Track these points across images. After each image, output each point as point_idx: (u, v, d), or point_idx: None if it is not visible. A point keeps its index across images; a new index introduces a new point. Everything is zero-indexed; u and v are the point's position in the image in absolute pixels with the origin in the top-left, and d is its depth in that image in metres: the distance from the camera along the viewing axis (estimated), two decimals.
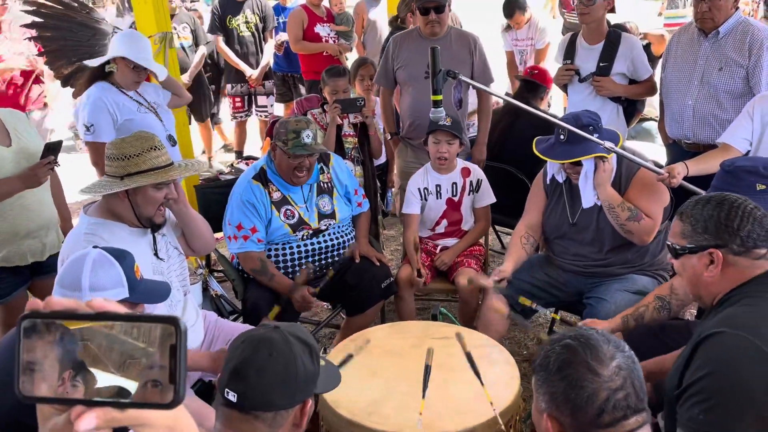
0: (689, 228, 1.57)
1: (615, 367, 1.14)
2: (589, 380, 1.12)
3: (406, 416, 1.87)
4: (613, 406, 1.11)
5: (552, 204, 2.71)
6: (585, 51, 3.43)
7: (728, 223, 1.52)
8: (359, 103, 3.32)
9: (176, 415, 0.66)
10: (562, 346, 1.18)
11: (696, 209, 1.58)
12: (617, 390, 1.12)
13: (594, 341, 1.17)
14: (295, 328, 1.40)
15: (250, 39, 5.44)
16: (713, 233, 1.53)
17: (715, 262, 1.53)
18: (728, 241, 1.52)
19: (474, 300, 2.96)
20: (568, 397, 1.13)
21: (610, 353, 1.15)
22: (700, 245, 1.55)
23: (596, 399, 1.11)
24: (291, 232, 2.80)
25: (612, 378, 1.13)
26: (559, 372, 1.16)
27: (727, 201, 1.55)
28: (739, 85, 2.92)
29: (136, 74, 2.99)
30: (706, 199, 1.59)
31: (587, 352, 1.15)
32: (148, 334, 0.61)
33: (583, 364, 1.14)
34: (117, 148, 2.12)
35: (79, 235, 2.09)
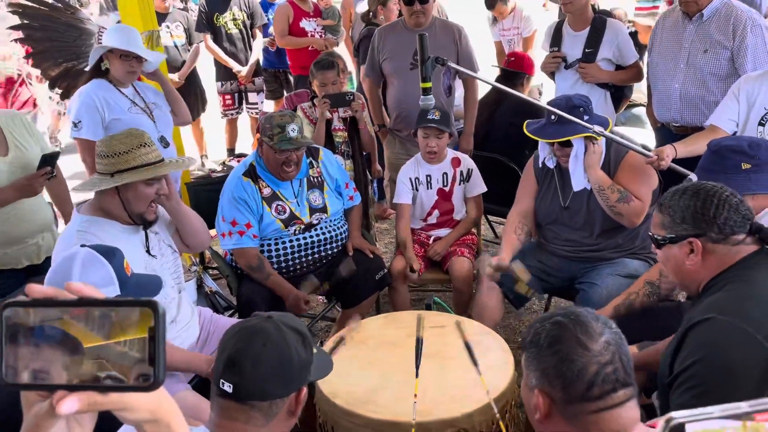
0: (668, 219, 1.60)
1: (604, 342, 1.16)
2: (579, 354, 1.14)
3: (402, 405, 1.88)
4: (603, 380, 1.13)
5: (543, 190, 2.73)
6: (571, 38, 3.44)
7: (705, 212, 1.54)
8: (349, 97, 3.31)
9: (158, 398, 0.67)
10: (552, 323, 1.20)
11: (674, 200, 1.61)
12: (606, 364, 1.14)
13: (583, 318, 1.19)
14: (288, 318, 1.41)
15: (239, 36, 5.43)
16: (691, 223, 1.56)
17: (695, 251, 1.56)
18: (706, 230, 1.54)
19: (468, 289, 2.97)
20: (560, 372, 1.15)
21: (599, 329, 1.18)
22: (680, 235, 1.58)
23: (587, 372, 1.13)
24: (283, 227, 2.80)
25: (601, 352, 1.15)
26: (550, 347, 1.18)
27: (703, 190, 1.58)
28: (725, 66, 2.93)
29: (127, 64, 2.96)
30: (682, 190, 1.62)
31: (577, 328, 1.17)
32: (127, 317, 0.61)
33: (574, 339, 1.16)
34: (107, 146, 2.12)
35: (71, 233, 2.09)
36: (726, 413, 0.54)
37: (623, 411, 1.14)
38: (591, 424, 1.14)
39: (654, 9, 6.17)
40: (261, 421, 1.31)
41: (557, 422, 1.18)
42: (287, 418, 1.35)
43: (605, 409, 1.14)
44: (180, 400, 1.95)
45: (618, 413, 1.14)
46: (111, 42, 2.90)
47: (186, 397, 2.04)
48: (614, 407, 1.14)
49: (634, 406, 1.17)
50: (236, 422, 1.30)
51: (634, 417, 1.16)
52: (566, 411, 1.16)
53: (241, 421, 1.31)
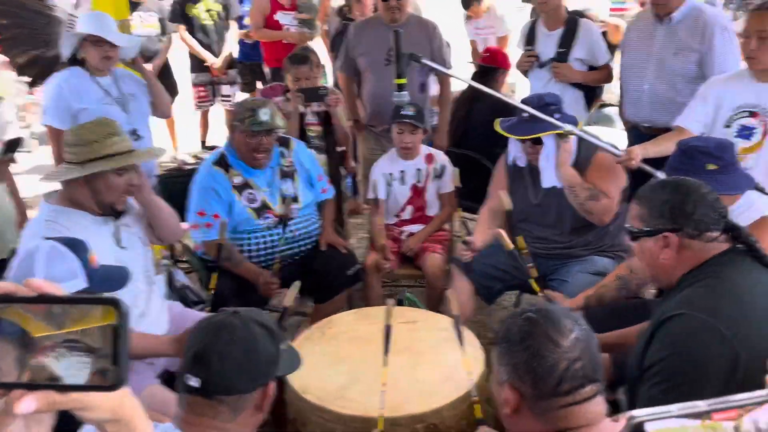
0: (646, 212, 1.61)
1: (574, 338, 1.18)
2: (550, 350, 1.16)
3: (373, 399, 1.88)
4: (572, 376, 1.15)
5: (514, 188, 2.75)
6: (544, 37, 3.48)
7: (683, 207, 1.56)
8: (322, 91, 3.30)
9: (121, 398, 0.66)
10: (523, 319, 1.22)
11: (652, 193, 1.62)
12: (575, 360, 1.16)
13: (554, 314, 1.21)
14: (255, 313, 1.40)
15: (212, 27, 5.36)
16: (668, 217, 1.57)
17: (670, 246, 1.58)
18: (683, 225, 1.56)
19: (440, 285, 2.99)
20: (530, 367, 1.17)
21: (569, 326, 1.19)
22: (656, 229, 1.59)
23: (557, 368, 1.15)
24: (255, 216, 2.78)
25: (571, 349, 1.17)
26: (521, 343, 1.19)
27: (683, 186, 1.59)
28: (693, 69, 2.98)
29: (100, 50, 2.90)
30: (662, 184, 1.63)
31: (548, 324, 1.19)
32: (88, 315, 0.60)
33: (545, 335, 1.18)
34: (75, 134, 2.09)
35: (39, 223, 2.05)
36: (685, 412, 0.55)
37: (590, 406, 1.17)
38: (559, 419, 1.16)
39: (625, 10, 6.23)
40: (228, 416, 1.30)
41: (526, 417, 1.20)
42: (255, 413, 1.34)
43: (573, 404, 1.16)
44: (148, 396, 1.95)
45: (585, 408, 1.16)
46: (83, 29, 2.85)
47: (154, 392, 2.01)
48: (582, 402, 1.16)
49: (601, 402, 1.19)
50: (203, 417, 1.30)
51: (601, 412, 1.18)
52: (535, 406, 1.18)
53: (208, 417, 1.30)
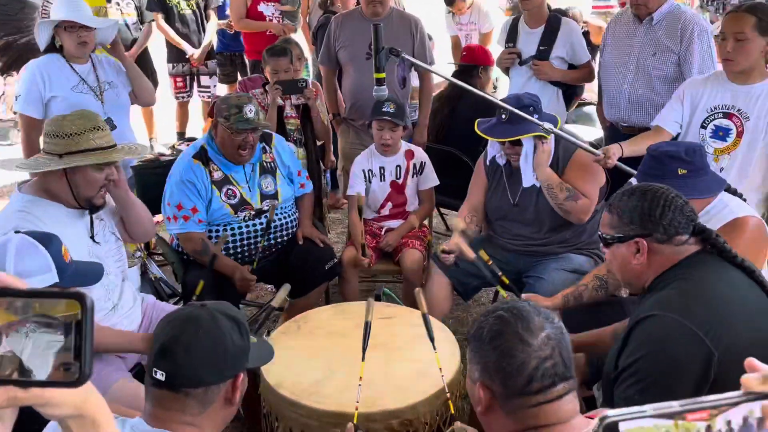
0: (617, 219, 1.64)
1: (544, 337, 1.17)
2: (519, 350, 1.16)
3: (348, 395, 1.87)
4: (542, 374, 1.15)
5: (493, 186, 2.76)
6: (526, 34, 3.49)
7: (651, 213, 1.58)
8: (301, 84, 3.27)
9: (84, 393, 0.65)
10: (495, 317, 1.21)
11: (622, 201, 1.65)
12: (546, 359, 1.16)
13: (525, 312, 1.21)
14: (223, 306, 1.38)
15: (192, 17, 5.28)
16: (638, 223, 1.60)
17: (641, 251, 1.61)
18: (652, 230, 1.59)
19: (418, 280, 2.98)
20: (500, 366, 1.17)
21: (540, 324, 1.19)
22: (627, 235, 1.62)
23: (526, 367, 1.15)
24: (232, 213, 2.75)
25: (541, 347, 1.16)
26: (491, 342, 1.19)
27: (650, 192, 1.62)
28: (672, 70, 3.01)
29: (75, 35, 2.83)
30: (631, 191, 1.66)
31: (519, 323, 1.18)
32: (51, 309, 0.59)
33: (515, 334, 1.17)
34: (57, 126, 2.04)
35: (10, 213, 2.00)
36: (659, 412, 0.55)
37: (562, 404, 1.17)
38: (530, 417, 1.16)
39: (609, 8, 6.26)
40: (196, 409, 1.28)
41: (498, 415, 1.20)
42: (225, 406, 1.33)
43: (544, 403, 1.16)
44: (118, 390, 1.92)
45: (557, 406, 1.16)
46: (56, 15, 2.78)
47: (125, 386, 1.98)
48: (553, 401, 1.16)
49: (573, 399, 1.19)
50: (171, 411, 1.27)
51: (573, 409, 1.18)
52: (506, 405, 1.18)
53: (175, 410, 1.28)
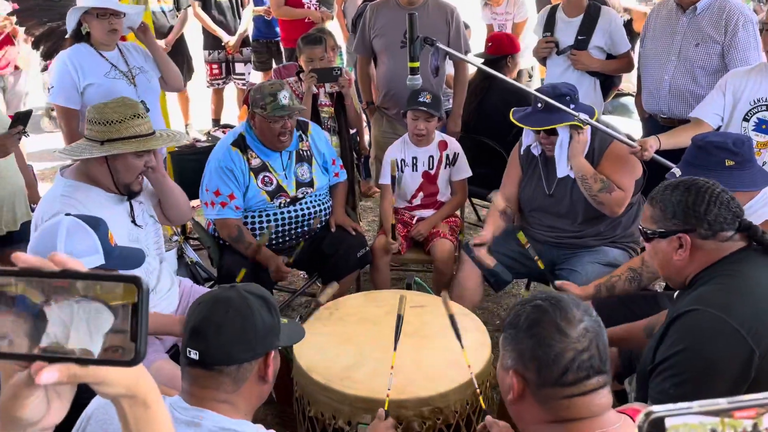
0: (659, 213, 1.61)
1: (582, 329, 1.17)
2: (557, 340, 1.15)
3: (379, 381, 1.90)
4: (578, 366, 1.14)
5: (527, 177, 2.74)
6: (564, 24, 3.43)
7: (696, 208, 1.54)
8: (336, 72, 3.28)
9: (137, 375, 0.67)
10: (533, 306, 1.21)
11: (665, 194, 1.61)
12: (583, 351, 1.15)
13: (564, 303, 1.20)
14: (251, 286, 1.42)
15: (227, 5, 5.34)
16: (681, 218, 1.56)
17: (683, 246, 1.57)
18: (696, 226, 1.55)
19: (448, 270, 2.99)
20: (535, 355, 1.16)
21: (579, 316, 1.18)
22: (669, 230, 1.58)
23: (562, 358, 1.15)
24: (268, 200, 2.79)
25: (579, 339, 1.16)
26: (528, 330, 1.19)
27: (695, 186, 1.58)
28: (715, 61, 2.94)
29: (105, 23, 2.86)
30: (675, 184, 1.62)
31: (557, 313, 1.18)
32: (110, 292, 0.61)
33: (552, 323, 1.17)
34: (99, 113, 2.09)
35: (54, 197, 2.07)
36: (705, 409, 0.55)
37: (595, 398, 1.16)
38: (562, 408, 1.16)
39: None
40: (230, 386, 1.32)
41: (529, 404, 1.20)
42: (258, 383, 1.36)
43: (578, 395, 1.15)
44: (156, 370, 1.97)
45: (590, 399, 1.16)
46: (84, 2, 2.82)
47: (162, 366, 2.04)
48: (587, 393, 1.15)
49: (607, 393, 1.19)
50: (206, 389, 1.31)
51: (606, 404, 1.18)
52: (539, 394, 1.18)
53: (211, 388, 1.31)
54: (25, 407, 0.63)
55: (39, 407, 0.64)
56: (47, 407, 0.65)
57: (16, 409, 0.63)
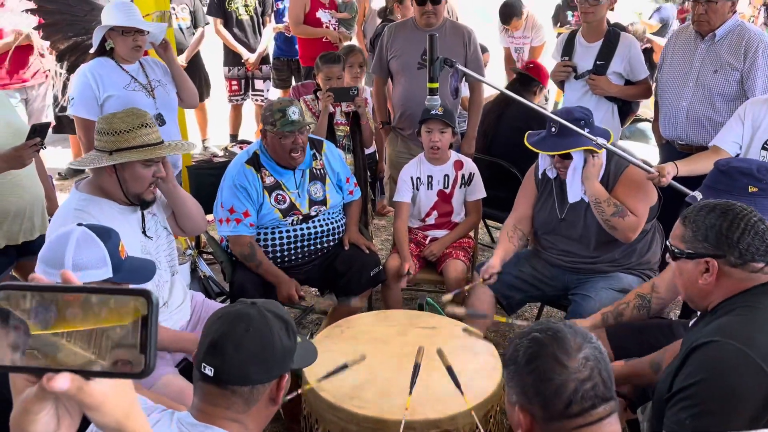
0: (690, 233, 1.57)
1: (582, 358, 1.15)
2: (557, 372, 1.14)
3: (389, 402, 1.89)
4: (582, 397, 1.13)
5: (542, 199, 2.73)
6: (583, 48, 3.44)
7: (729, 234, 1.51)
8: (352, 92, 3.32)
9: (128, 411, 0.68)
10: (530, 339, 1.19)
11: (699, 215, 1.57)
12: (585, 380, 1.13)
13: (561, 333, 1.18)
14: (272, 305, 1.40)
15: (249, 23, 5.42)
16: (713, 243, 1.53)
17: (710, 271, 1.54)
18: (726, 252, 1.52)
19: (461, 292, 2.97)
20: (538, 390, 1.15)
21: (577, 345, 1.17)
22: (698, 252, 1.55)
23: (565, 390, 1.13)
24: (281, 217, 2.80)
25: (579, 369, 1.14)
26: (527, 365, 1.17)
27: (732, 211, 1.54)
28: (734, 88, 2.93)
29: (129, 40, 2.93)
30: (711, 206, 1.57)
31: (554, 345, 1.16)
32: (120, 306, 0.62)
33: (551, 356, 1.15)
34: (107, 123, 2.11)
35: (68, 210, 2.09)
36: None
37: (604, 426, 1.14)
38: None
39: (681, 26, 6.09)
40: (241, 407, 1.30)
41: None
42: (268, 405, 1.35)
43: (586, 425, 1.13)
44: (164, 385, 1.97)
45: (599, 428, 1.14)
46: (110, 20, 2.88)
47: (171, 381, 2.03)
48: (595, 423, 1.13)
49: (615, 421, 1.17)
50: (217, 407, 1.30)
51: (616, 431, 1.16)
52: (547, 428, 1.16)
53: (221, 407, 1.30)
54: (35, 422, 0.64)
55: (50, 423, 0.65)
56: (57, 424, 0.66)
57: (28, 423, 0.64)
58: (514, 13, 5.32)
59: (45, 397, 0.63)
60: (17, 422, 0.65)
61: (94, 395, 0.64)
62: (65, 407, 0.66)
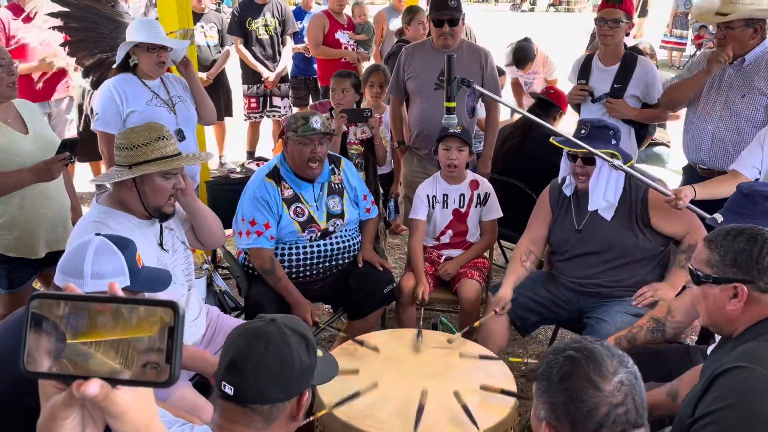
0: (717, 258, 1.55)
1: (617, 382, 1.14)
2: (590, 395, 1.13)
3: (402, 422, 1.88)
4: (613, 421, 1.11)
5: (559, 219, 2.73)
6: (600, 72, 3.45)
7: (759, 260, 1.49)
8: (366, 113, 3.36)
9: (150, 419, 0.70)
10: (565, 357, 1.18)
11: (727, 240, 1.55)
12: (618, 405, 1.12)
13: (598, 354, 1.17)
14: (292, 321, 1.40)
15: (269, 42, 5.51)
16: (743, 268, 1.51)
17: (738, 296, 1.52)
18: (756, 278, 1.50)
19: (475, 312, 2.96)
20: (568, 410, 1.14)
21: (614, 368, 1.15)
22: (726, 277, 1.53)
23: (596, 413, 1.12)
24: (300, 231, 2.82)
25: (613, 393, 1.13)
26: (560, 383, 1.16)
27: (761, 236, 1.53)
28: (761, 113, 2.90)
29: (154, 56, 2.99)
30: (738, 231, 1.56)
31: (590, 366, 1.15)
32: (149, 316, 0.63)
33: (585, 377, 1.14)
34: (126, 138, 2.15)
35: (88, 223, 2.12)
36: None
37: None
38: None
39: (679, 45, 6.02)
40: (261, 425, 1.30)
41: None
42: (289, 422, 1.34)
43: None
44: (177, 400, 1.98)
45: None
46: (135, 37, 2.94)
47: (186, 395, 2.04)
48: None
49: None
50: (236, 425, 1.30)
51: None
52: None
53: (241, 424, 1.30)
54: (62, 428, 0.66)
55: (75, 429, 0.67)
56: (83, 431, 0.68)
57: (55, 429, 0.66)
58: (528, 58, 5.27)
59: (73, 404, 0.65)
60: (44, 428, 0.66)
61: (119, 403, 0.65)
62: (90, 415, 0.68)
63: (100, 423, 0.69)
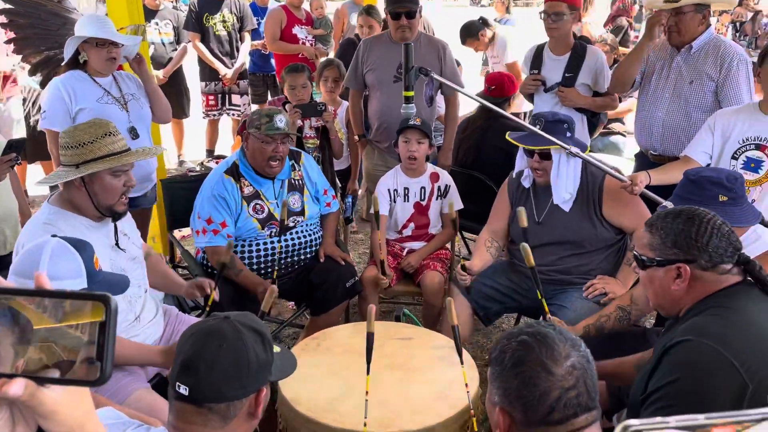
0: (658, 240, 1.58)
1: (569, 366, 1.14)
2: (542, 379, 1.13)
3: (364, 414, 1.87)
4: (564, 405, 1.12)
5: None
6: (551, 62, 3.49)
7: (698, 239, 1.53)
8: (320, 107, 3.34)
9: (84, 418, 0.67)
10: (518, 342, 1.18)
11: (666, 222, 1.58)
12: (569, 389, 1.13)
13: (550, 339, 1.17)
14: (246, 318, 1.37)
15: (227, 38, 5.42)
16: (683, 248, 1.54)
17: (682, 276, 1.55)
18: (697, 257, 1.53)
19: (438, 303, 2.97)
20: (521, 394, 1.14)
21: (566, 352, 1.16)
22: (668, 259, 1.56)
23: (548, 397, 1.12)
24: (259, 228, 2.78)
25: (565, 377, 1.13)
26: (513, 368, 1.17)
27: (698, 216, 1.56)
28: (709, 99, 2.96)
29: (104, 52, 2.90)
30: (676, 213, 1.59)
31: (543, 350, 1.15)
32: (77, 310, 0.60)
33: (538, 362, 1.14)
34: (70, 136, 2.07)
35: (37, 224, 2.05)
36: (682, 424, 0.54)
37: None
38: None
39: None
40: (218, 423, 1.28)
41: None
42: (247, 419, 1.32)
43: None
44: (135, 401, 1.93)
45: None
46: (84, 32, 2.85)
47: (143, 396, 1.99)
48: (575, 431, 1.13)
49: (596, 429, 1.16)
50: (193, 425, 1.28)
51: None
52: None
53: (198, 424, 1.28)
54: None
55: (4, 428, 0.64)
56: (13, 429, 0.65)
57: None
58: (468, 33, 5.30)
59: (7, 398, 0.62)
60: None
61: (47, 403, 0.63)
62: (21, 413, 0.65)
63: (31, 422, 0.66)
